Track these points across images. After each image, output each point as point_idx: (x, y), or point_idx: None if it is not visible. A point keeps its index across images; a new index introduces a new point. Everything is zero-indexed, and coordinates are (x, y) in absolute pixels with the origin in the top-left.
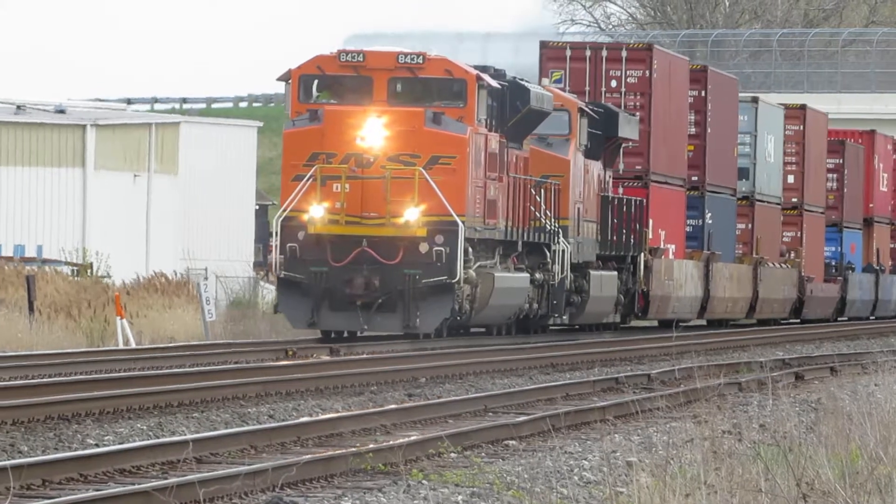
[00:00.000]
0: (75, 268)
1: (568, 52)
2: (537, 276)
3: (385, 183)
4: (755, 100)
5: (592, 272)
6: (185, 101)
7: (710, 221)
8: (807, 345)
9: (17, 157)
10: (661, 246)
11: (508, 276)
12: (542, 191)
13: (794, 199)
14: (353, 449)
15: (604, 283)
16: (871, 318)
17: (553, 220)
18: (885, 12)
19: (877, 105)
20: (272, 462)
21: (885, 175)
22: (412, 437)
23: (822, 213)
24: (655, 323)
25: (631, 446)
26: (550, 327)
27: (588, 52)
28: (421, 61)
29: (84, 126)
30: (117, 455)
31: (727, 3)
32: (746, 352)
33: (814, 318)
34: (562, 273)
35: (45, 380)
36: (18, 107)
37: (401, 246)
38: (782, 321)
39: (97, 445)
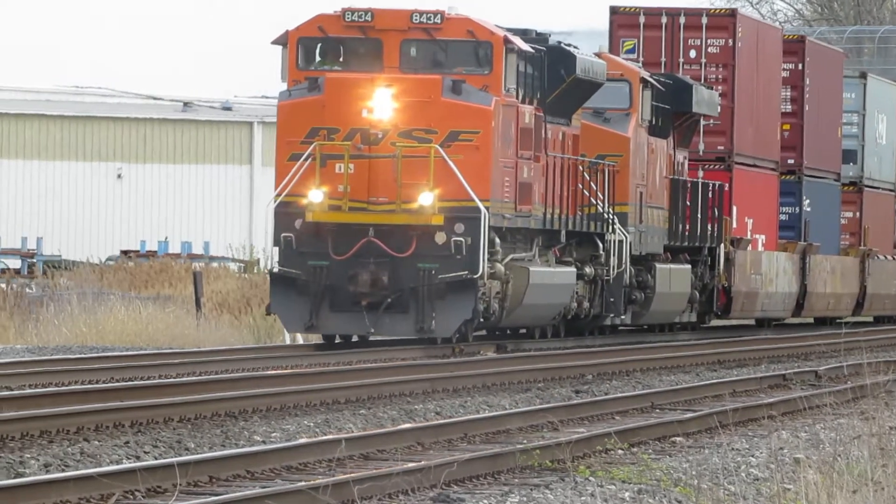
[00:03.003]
0: (242, 264)
1: (642, 19)
2: (588, 270)
3: (396, 163)
4: (864, 75)
5: (659, 265)
6: None
7: (808, 209)
8: None
9: (185, 155)
10: (748, 236)
11: (548, 270)
12: (596, 172)
13: None
14: (520, 446)
15: (673, 277)
16: None
17: (608, 206)
18: None
19: None
20: (436, 460)
21: None
22: (579, 434)
23: None
24: (751, 321)
25: (798, 443)
26: (619, 328)
27: (664, 19)
28: (439, 21)
29: (251, 123)
30: (284, 452)
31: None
32: None
33: None
34: (619, 267)
35: (211, 377)
36: (185, 104)
37: (414, 236)
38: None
39: (264, 442)
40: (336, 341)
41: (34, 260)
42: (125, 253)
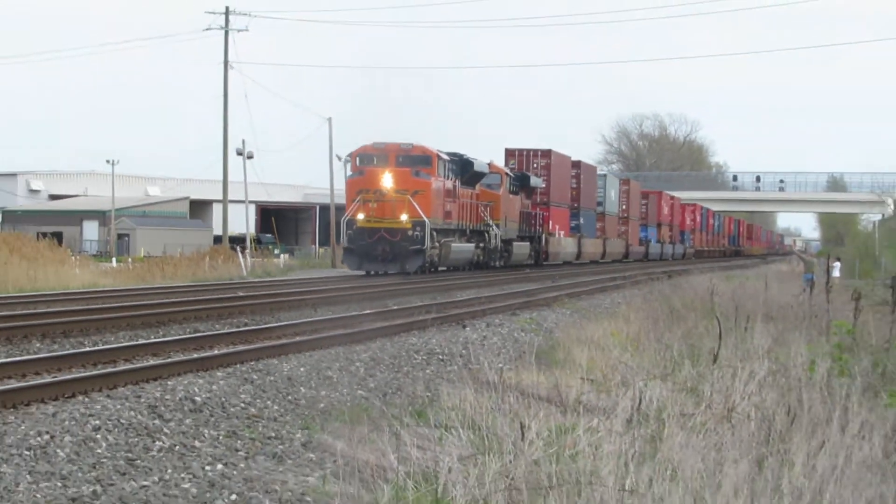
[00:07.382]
0: None
1: (516, 154)
2: (482, 245)
3: (393, 203)
4: (604, 176)
5: (515, 243)
6: None
7: (582, 222)
8: (670, 266)
9: None
10: (556, 232)
11: (460, 245)
12: (486, 207)
13: (625, 215)
14: (537, 298)
15: (521, 247)
16: (660, 259)
17: (491, 219)
18: (718, 161)
19: (694, 195)
20: (509, 301)
21: (666, 208)
22: (554, 294)
23: (638, 220)
24: (559, 263)
25: (619, 298)
26: (503, 267)
27: (525, 153)
28: (410, 147)
29: None
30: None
31: (660, 165)
32: (651, 268)
33: (634, 259)
34: (496, 243)
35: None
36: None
37: (399, 232)
38: (620, 260)
39: (460, 294)
40: (371, 273)
41: None
42: None
